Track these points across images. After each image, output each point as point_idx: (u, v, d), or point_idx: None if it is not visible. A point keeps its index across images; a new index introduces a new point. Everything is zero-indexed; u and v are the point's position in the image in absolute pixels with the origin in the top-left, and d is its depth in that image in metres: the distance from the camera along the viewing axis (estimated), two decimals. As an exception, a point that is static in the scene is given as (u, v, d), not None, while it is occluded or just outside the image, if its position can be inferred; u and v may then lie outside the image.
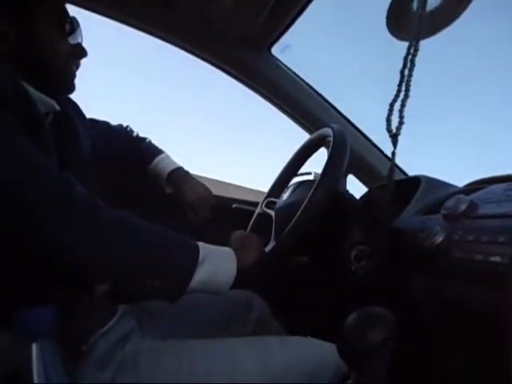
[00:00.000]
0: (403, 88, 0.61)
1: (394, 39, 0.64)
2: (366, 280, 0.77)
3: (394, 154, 0.66)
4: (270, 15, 1.10)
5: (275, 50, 1.32)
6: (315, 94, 1.37)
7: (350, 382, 0.50)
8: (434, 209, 0.78)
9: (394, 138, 0.64)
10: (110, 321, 0.73)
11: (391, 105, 0.63)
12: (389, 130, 0.64)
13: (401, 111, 0.62)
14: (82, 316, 0.66)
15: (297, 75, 1.35)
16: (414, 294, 0.66)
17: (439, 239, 0.62)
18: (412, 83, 0.61)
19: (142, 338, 0.75)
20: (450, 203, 0.68)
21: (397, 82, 0.63)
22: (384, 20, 0.67)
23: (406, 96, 0.61)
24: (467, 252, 0.57)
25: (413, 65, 0.60)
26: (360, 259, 0.79)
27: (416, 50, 0.59)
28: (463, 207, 0.64)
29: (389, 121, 0.64)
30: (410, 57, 0.59)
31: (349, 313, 0.53)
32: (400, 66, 0.62)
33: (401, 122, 0.63)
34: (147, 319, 0.84)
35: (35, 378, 0.34)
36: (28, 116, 0.63)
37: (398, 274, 0.72)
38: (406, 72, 0.60)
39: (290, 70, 1.34)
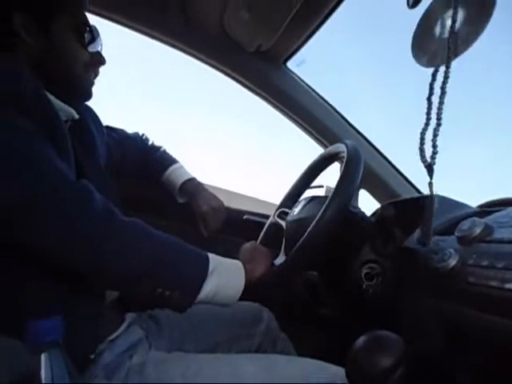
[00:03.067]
0: (433, 116, 0.59)
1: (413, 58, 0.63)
2: (376, 299, 0.76)
3: (431, 184, 0.63)
4: (287, 30, 1.11)
5: (291, 64, 1.33)
6: (331, 109, 1.37)
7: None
8: (447, 229, 0.76)
9: (429, 168, 0.61)
10: (117, 329, 0.74)
11: (422, 133, 0.60)
12: (423, 160, 0.61)
13: (433, 140, 0.60)
14: (90, 323, 0.67)
15: (313, 89, 1.36)
16: (425, 318, 0.65)
17: (453, 262, 0.61)
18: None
19: (149, 349, 0.76)
20: (464, 225, 0.66)
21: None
22: (403, 37, 0.66)
23: (438, 124, 0.58)
24: (482, 277, 0.55)
25: (444, 92, 0.57)
26: (371, 278, 0.78)
27: (446, 78, 0.57)
28: (478, 230, 0.63)
29: (422, 150, 0.61)
30: (434, 83, 0.58)
31: (358, 332, 0.52)
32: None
33: (435, 152, 0.60)
34: (155, 329, 0.84)
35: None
36: (49, 123, 0.65)
37: (409, 295, 0.71)
38: (434, 99, 0.58)
39: (305, 84, 1.35)
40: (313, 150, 1.41)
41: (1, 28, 0.69)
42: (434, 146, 0.60)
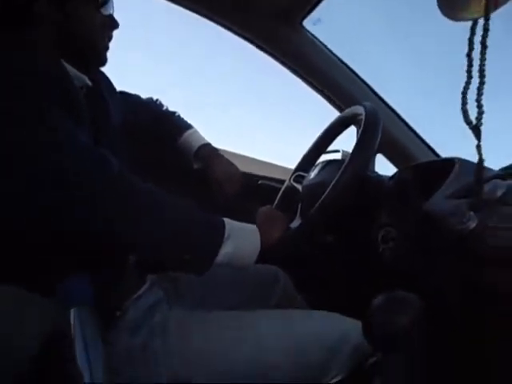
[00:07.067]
0: (475, 74, 0.55)
1: (438, 14, 0.59)
2: (393, 262, 0.76)
3: (479, 147, 0.59)
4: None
5: (307, 23, 1.28)
6: (348, 71, 1.32)
7: (374, 359, 0.50)
8: (468, 193, 0.75)
9: (476, 130, 0.57)
10: (140, 289, 0.77)
11: (464, 93, 0.57)
12: (467, 121, 0.57)
13: (478, 100, 0.56)
14: (115, 284, 0.69)
15: (329, 50, 1.31)
16: (443, 280, 0.65)
17: (473, 225, 0.60)
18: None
19: (169, 309, 0.79)
20: (485, 188, 0.65)
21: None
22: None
23: (482, 82, 0.54)
24: (502, 239, 0.55)
25: (485, 47, 0.53)
26: (387, 241, 0.78)
27: (487, 30, 0.52)
28: (499, 193, 0.62)
29: (465, 111, 0.57)
30: (474, 37, 0.54)
31: (374, 294, 0.53)
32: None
33: (480, 112, 0.56)
34: (174, 290, 0.86)
35: (75, 341, 0.37)
36: (66, 92, 0.65)
37: (427, 258, 0.71)
38: (476, 55, 0.55)
39: (322, 44, 1.30)
40: (329, 114, 1.38)
41: (17, 2, 0.68)
42: (479, 106, 0.56)
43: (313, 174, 0.94)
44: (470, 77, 0.56)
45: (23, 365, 0.35)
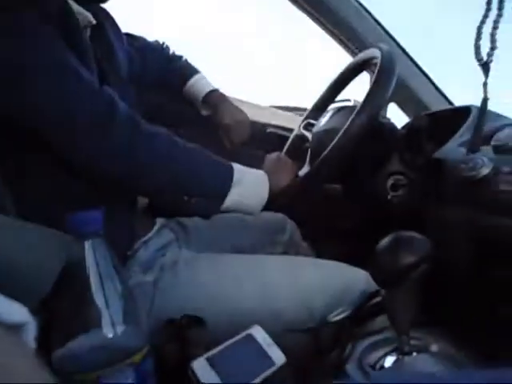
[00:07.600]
0: (494, 6, 0.51)
1: None
2: (402, 209, 0.76)
3: (486, 84, 0.59)
4: None
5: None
6: (361, 10, 1.24)
7: (378, 299, 0.52)
8: (482, 141, 0.73)
9: (485, 66, 0.56)
10: (150, 231, 0.79)
11: (479, 28, 0.54)
12: (478, 57, 0.56)
13: (492, 34, 0.53)
14: (125, 224, 0.71)
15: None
16: (451, 226, 0.65)
17: (485, 171, 0.59)
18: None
19: (179, 249, 0.81)
20: (501, 134, 0.64)
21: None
22: None
23: (499, 15, 0.51)
24: (515, 185, 0.54)
25: None
26: (396, 188, 0.78)
27: None
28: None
29: (477, 47, 0.55)
30: None
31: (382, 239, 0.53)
32: None
33: (493, 48, 0.54)
34: (183, 234, 0.88)
35: (88, 271, 0.39)
36: (70, 30, 0.64)
37: (437, 206, 0.70)
38: None
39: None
40: (341, 59, 1.31)
41: None
42: (493, 41, 0.54)
43: (323, 120, 0.92)
44: (488, 9, 0.53)
45: (45, 290, 0.38)
